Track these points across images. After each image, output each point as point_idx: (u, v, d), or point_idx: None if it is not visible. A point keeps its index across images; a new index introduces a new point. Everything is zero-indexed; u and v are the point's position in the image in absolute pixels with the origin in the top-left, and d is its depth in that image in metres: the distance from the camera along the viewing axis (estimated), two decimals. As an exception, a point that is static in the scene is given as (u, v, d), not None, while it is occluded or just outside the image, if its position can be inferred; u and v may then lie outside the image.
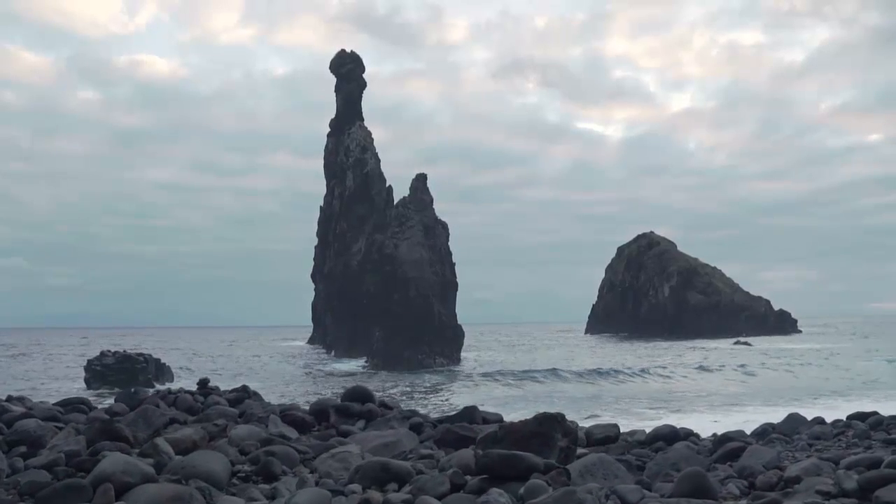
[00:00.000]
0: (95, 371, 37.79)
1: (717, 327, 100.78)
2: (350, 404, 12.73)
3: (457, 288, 60.98)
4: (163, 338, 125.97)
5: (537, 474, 7.03)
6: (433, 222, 61.17)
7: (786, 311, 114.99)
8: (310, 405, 13.15)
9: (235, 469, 8.08)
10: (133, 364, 38.38)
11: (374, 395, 13.48)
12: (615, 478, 7.66)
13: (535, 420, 8.80)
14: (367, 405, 12.77)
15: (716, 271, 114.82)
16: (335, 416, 12.34)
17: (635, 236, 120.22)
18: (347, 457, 8.40)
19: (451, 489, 6.92)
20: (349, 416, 12.40)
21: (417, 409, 23.60)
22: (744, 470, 8.74)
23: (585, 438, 11.40)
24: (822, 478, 7.62)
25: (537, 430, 8.60)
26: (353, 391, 13.48)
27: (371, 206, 74.10)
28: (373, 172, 75.62)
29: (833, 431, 12.39)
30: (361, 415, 12.42)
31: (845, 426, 12.73)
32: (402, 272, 55.34)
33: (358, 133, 77.69)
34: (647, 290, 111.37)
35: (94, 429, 8.99)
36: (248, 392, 14.31)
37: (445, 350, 54.68)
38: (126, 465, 6.75)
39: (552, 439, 8.54)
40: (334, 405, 12.70)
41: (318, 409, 12.62)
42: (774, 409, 27.89)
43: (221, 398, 13.26)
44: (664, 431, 12.27)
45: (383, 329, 53.89)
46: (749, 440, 12.22)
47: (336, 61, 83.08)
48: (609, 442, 11.44)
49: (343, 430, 11.66)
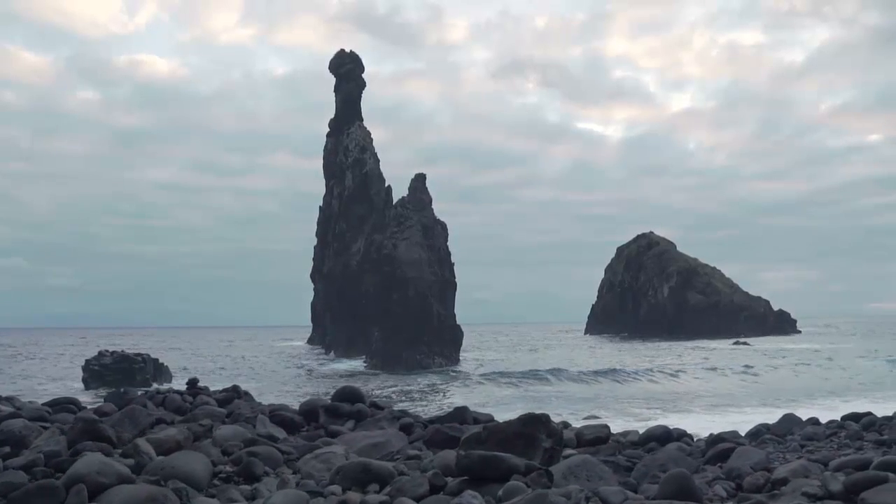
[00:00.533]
0: (93, 371, 37.74)
1: (717, 327, 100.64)
2: (340, 404, 12.66)
3: (456, 288, 60.95)
4: (162, 338, 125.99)
5: (517, 476, 6.95)
6: (432, 222, 61.14)
7: (785, 312, 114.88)
8: (299, 405, 13.07)
9: (217, 470, 8.00)
10: (131, 364, 38.33)
11: (364, 396, 13.42)
12: (599, 479, 7.57)
13: (519, 421, 8.72)
14: (356, 405, 12.70)
15: (715, 271, 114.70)
16: (324, 416, 12.27)
17: (635, 236, 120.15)
18: (331, 457, 8.33)
19: (430, 491, 6.84)
20: (339, 416, 12.33)
21: (412, 410, 23.54)
22: (732, 471, 8.66)
23: (576, 439, 11.29)
24: (809, 479, 7.53)
25: (521, 431, 8.52)
26: (343, 391, 13.41)
27: (370, 206, 74.02)
28: (372, 172, 75.55)
29: (826, 432, 12.33)
30: (351, 415, 12.35)
31: (838, 427, 12.67)
32: (400, 272, 55.27)
33: (357, 133, 77.64)
34: (646, 291, 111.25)
35: (76, 429, 8.90)
36: (238, 392, 14.23)
37: (444, 350, 54.60)
38: (101, 465, 6.67)
39: (536, 440, 8.46)
40: (324, 405, 12.63)
41: (307, 410, 12.56)
42: (772, 409, 27.81)
43: (211, 398, 13.18)
44: (657, 432, 12.22)
45: (382, 329, 53.84)
46: (742, 441, 12.15)
47: (335, 61, 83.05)
48: (600, 443, 11.31)
49: (332, 431, 11.59)
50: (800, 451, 10.83)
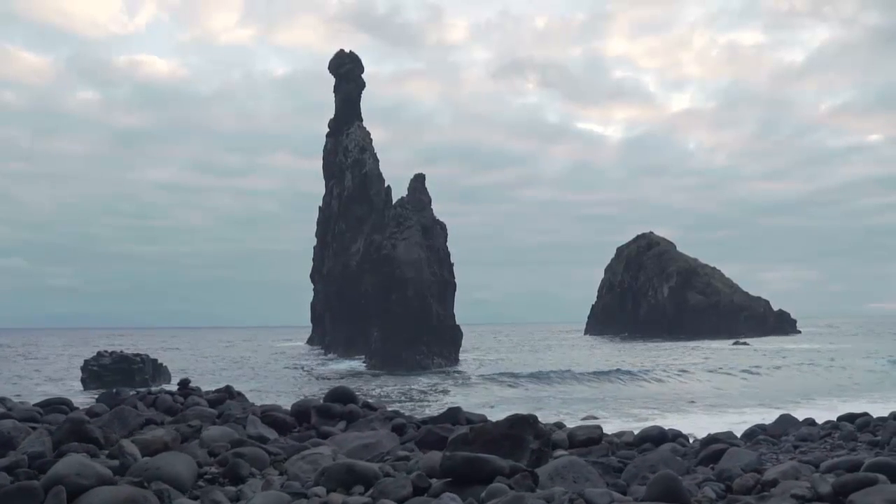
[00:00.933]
0: (92, 371, 37.70)
1: (717, 328, 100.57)
2: (332, 405, 12.56)
3: (455, 288, 60.80)
4: (162, 338, 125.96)
5: (501, 478, 6.88)
6: (431, 223, 61.02)
7: (785, 312, 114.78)
8: (291, 406, 13.00)
9: (203, 471, 7.93)
10: (130, 364, 38.29)
11: (356, 397, 13.33)
12: (586, 481, 7.49)
13: (506, 422, 8.65)
14: (348, 406, 12.61)
15: (715, 271, 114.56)
16: (316, 417, 12.18)
17: (634, 237, 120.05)
18: (318, 458, 8.24)
19: (413, 492, 6.77)
20: (330, 417, 12.22)
21: (411, 410, 23.44)
22: (723, 473, 8.59)
23: (568, 440, 11.19)
24: (798, 481, 7.47)
25: (508, 433, 8.45)
26: (336, 392, 13.31)
27: (370, 206, 73.94)
28: (371, 173, 75.46)
29: (821, 433, 12.25)
30: (343, 416, 12.25)
31: (833, 427, 12.59)
32: (399, 273, 55.16)
33: (356, 133, 77.56)
34: (646, 291, 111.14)
35: (63, 430, 8.84)
36: (230, 393, 14.15)
37: (444, 351, 54.52)
38: (81, 466, 6.59)
39: (524, 441, 8.40)
40: (316, 406, 12.54)
41: (299, 410, 12.47)
42: (771, 410, 27.74)
43: (202, 399, 13.10)
44: (653, 433, 12.14)
45: (381, 330, 53.76)
46: (737, 442, 12.07)
47: (335, 61, 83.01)
48: (592, 444, 11.11)
49: (323, 432, 11.49)
50: (793, 452, 10.76)
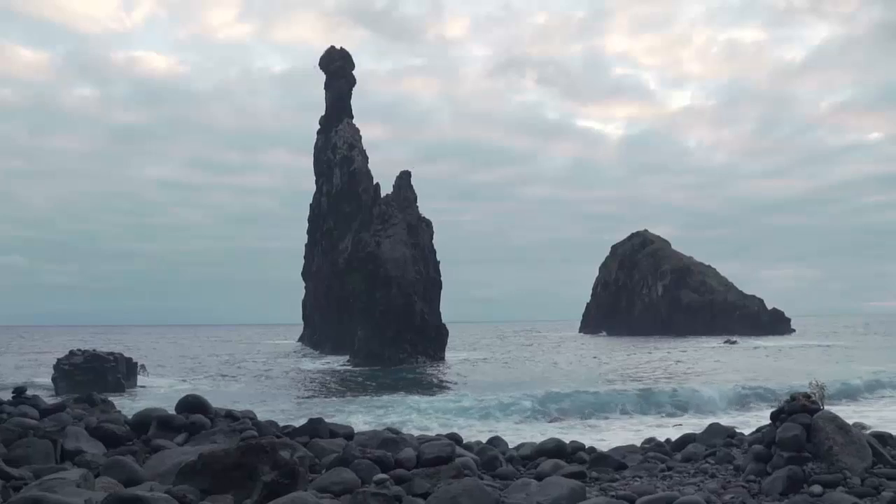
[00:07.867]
0: (63, 371, 37.40)
1: (710, 326, 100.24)
2: (174, 416, 11.94)
3: (441, 286, 60.44)
4: (157, 336, 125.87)
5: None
6: (417, 220, 60.65)
7: (779, 310, 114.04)
8: (132, 416, 12.41)
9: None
10: (102, 364, 37.99)
11: (208, 406, 12.54)
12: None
13: (237, 450, 8.00)
14: (194, 417, 11.93)
15: (710, 270, 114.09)
16: (155, 428, 11.55)
17: (629, 235, 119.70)
18: (56, 485, 7.17)
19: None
20: (170, 429, 11.57)
21: (356, 413, 22.79)
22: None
23: (415, 458, 10.28)
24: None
25: (240, 461, 7.74)
26: (185, 401, 12.59)
27: (358, 203, 73.59)
28: (360, 170, 75.15)
29: (705, 452, 11.43)
30: (184, 427, 11.61)
31: (725, 445, 11.74)
32: (384, 271, 54.90)
33: (345, 130, 77.28)
34: (640, 289, 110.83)
35: None
36: (91, 400, 13.62)
37: (429, 349, 54.25)
38: None
39: (256, 472, 7.68)
40: (158, 416, 11.89)
41: (138, 421, 11.91)
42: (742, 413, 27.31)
43: (34, 409, 12.26)
44: (549, 446, 11.63)
45: (365, 328, 53.52)
46: (624, 462, 11.07)
47: (325, 58, 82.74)
48: (441, 463, 9.94)
49: (155, 446, 10.77)
50: (666, 473, 10.28)
